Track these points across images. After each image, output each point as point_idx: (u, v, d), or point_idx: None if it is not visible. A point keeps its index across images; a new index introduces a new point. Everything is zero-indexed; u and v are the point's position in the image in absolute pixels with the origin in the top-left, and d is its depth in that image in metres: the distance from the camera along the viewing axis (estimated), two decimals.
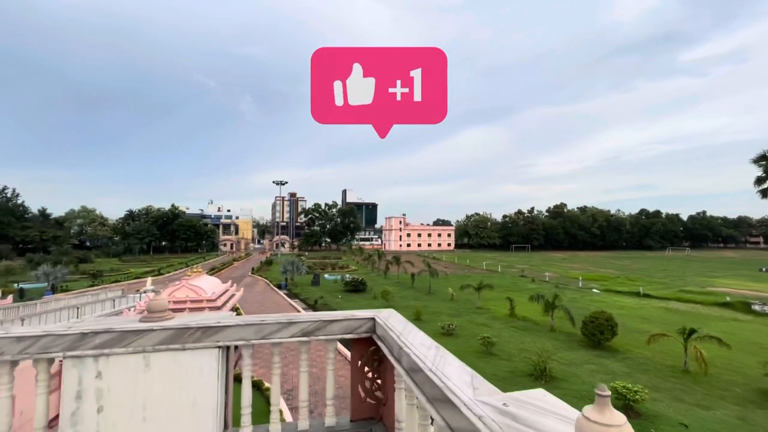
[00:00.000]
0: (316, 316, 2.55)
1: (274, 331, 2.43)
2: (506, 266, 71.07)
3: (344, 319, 2.54)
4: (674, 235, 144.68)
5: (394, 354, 2.04)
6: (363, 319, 2.57)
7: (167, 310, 2.41)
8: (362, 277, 44.45)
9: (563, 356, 20.77)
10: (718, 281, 52.54)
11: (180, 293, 19.74)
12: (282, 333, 2.44)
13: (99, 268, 56.46)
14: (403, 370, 1.83)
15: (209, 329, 2.32)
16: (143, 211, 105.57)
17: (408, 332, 2.12)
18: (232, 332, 2.36)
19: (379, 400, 2.56)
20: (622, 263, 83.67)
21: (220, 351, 2.33)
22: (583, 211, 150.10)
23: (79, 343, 2.16)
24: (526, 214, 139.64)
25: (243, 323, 2.39)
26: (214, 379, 2.30)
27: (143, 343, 2.23)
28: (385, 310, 2.70)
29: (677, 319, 29.76)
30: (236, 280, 38.72)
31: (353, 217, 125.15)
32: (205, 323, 2.33)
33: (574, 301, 33.52)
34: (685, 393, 16.54)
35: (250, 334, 2.39)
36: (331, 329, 2.51)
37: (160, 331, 2.26)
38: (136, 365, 2.22)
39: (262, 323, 2.42)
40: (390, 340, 2.17)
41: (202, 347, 2.31)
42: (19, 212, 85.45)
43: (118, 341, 2.20)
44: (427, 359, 1.62)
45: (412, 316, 28.95)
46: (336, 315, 2.58)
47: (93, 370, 2.16)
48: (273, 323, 2.43)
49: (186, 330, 2.29)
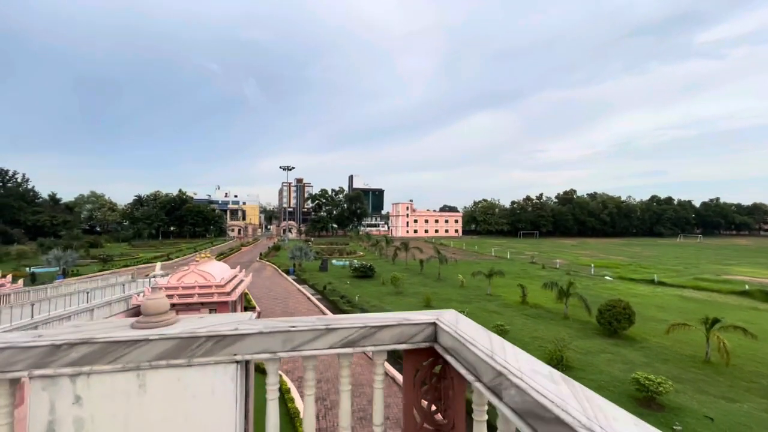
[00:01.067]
0: (360, 320, 1.96)
1: (308, 340, 1.86)
2: (515, 253, 70.36)
3: (397, 324, 1.94)
4: (686, 222, 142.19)
5: (484, 381, 1.45)
6: (421, 324, 1.98)
7: (167, 312, 1.84)
8: (370, 263, 44.12)
9: (579, 345, 20.28)
10: (734, 269, 51.39)
11: (189, 279, 19.51)
12: (318, 343, 1.86)
13: (109, 253, 56.90)
14: (508, 409, 1.24)
15: (223, 338, 1.75)
16: (151, 197, 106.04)
17: (501, 348, 1.53)
18: (253, 342, 1.79)
19: (440, 426, 2.00)
20: (633, 250, 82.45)
21: (237, 367, 1.77)
22: (593, 197, 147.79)
23: (51, 358, 1.60)
24: (534, 201, 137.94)
25: (267, 330, 1.81)
26: (230, 403, 1.74)
27: (136, 357, 1.67)
28: (446, 312, 2.11)
29: (694, 308, 29.06)
30: (244, 265, 38.65)
31: (360, 202, 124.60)
32: (217, 330, 1.76)
33: (587, 288, 32.87)
34: (708, 384, 15.99)
35: (277, 344, 1.82)
36: (381, 337, 1.93)
37: (159, 341, 1.69)
38: (128, 387, 1.66)
39: (293, 330, 1.84)
40: (468, 357, 1.59)
41: (215, 362, 1.74)
42: (30, 197, 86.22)
43: (102, 355, 1.64)
44: (570, 406, 1.03)
45: (422, 303, 28.61)
46: (386, 318, 1.98)
47: (69, 393, 1.61)
48: (306, 330, 1.85)
49: (193, 339, 1.72)
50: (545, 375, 1.26)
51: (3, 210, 77.15)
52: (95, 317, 16.74)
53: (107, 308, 17.96)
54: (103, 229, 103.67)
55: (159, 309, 1.81)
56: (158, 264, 37.81)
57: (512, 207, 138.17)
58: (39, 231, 77.96)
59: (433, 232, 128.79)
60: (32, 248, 56.19)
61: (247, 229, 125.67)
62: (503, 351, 1.49)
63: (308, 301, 30.30)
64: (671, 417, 13.08)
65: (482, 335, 1.69)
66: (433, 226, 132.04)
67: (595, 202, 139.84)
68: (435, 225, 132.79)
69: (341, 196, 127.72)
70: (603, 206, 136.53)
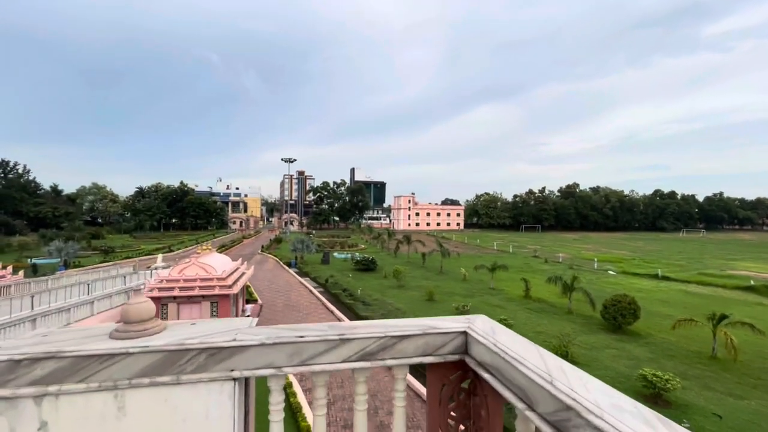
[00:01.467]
0: (378, 328, 1.67)
1: (319, 352, 1.57)
2: (517, 246, 70.08)
3: (422, 333, 1.66)
4: (689, 216, 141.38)
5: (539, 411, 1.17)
6: (449, 334, 1.69)
7: (152, 319, 1.56)
8: (372, 256, 43.93)
9: (583, 340, 20.07)
10: (738, 264, 51.02)
11: (190, 271, 19.31)
12: (331, 355, 1.58)
13: (110, 245, 56.87)
14: None
15: (219, 351, 1.47)
16: (153, 189, 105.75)
17: (559, 370, 1.24)
18: (254, 355, 1.51)
19: None
20: (635, 244, 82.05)
21: (235, 385, 1.49)
22: (595, 191, 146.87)
23: (9, 376, 1.32)
24: (537, 194, 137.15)
25: (271, 341, 1.52)
26: (227, 427, 1.46)
27: (114, 373, 1.39)
28: (477, 319, 1.83)
29: (698, 303, 28.81)
30: (246, 258, 38.51)
31: (362, 195, 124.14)
32: (211, 341, 1.48)
33: (590, 283, 32.60)
34: (715, 381, 15.79)
35: (282, 357, 1.54)
36: (403, 349, 1.64)
37: (142, 354, 1.41)
38: (104, 409, 1.39)
39: (301, 341, 1.55)
40: (516, 378, 1.31)
41: (208, 379, 1.46)
42: (32, 188, 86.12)
43: (73, 372, 1.36)
44: None
45: (425, 296, 28.44)
46: (408, 326, 1.70)
47: (33, 419, 1.34)
48: (317, 340, 1.57)
49: (182, 353, 1.44)
50: (631, 412, 0.97)
51: (5, 201, 77.11)
52: (95, 310, 16.60)
53: (108, 300, 17.81)
54: (105, 221, 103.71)
55: (141, 315, 1.52)
56: (160, 256, 37.71)
57: (514, 200, 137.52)
58: (41, 222, 77.97)
59: (435, 226, 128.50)
60: (34, 239, 56.16)
61: (248, 221, 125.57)
62: (563, 374, 1.20)
63: (310, 294, 30.16)
64: (679, 414, 12.88)
65: (531, 351, 1.41)
66: (435, 220, 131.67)
67: (598, 196, 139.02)
68: (437, 218, 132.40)
69: (343, 188, 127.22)
70: (606, 200, 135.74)
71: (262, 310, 25.08)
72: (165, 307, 18.60)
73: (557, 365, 1.27)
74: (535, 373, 1.22)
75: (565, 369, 1.25)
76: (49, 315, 14.51)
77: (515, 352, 1.39)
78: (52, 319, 14.52)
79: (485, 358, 1.53)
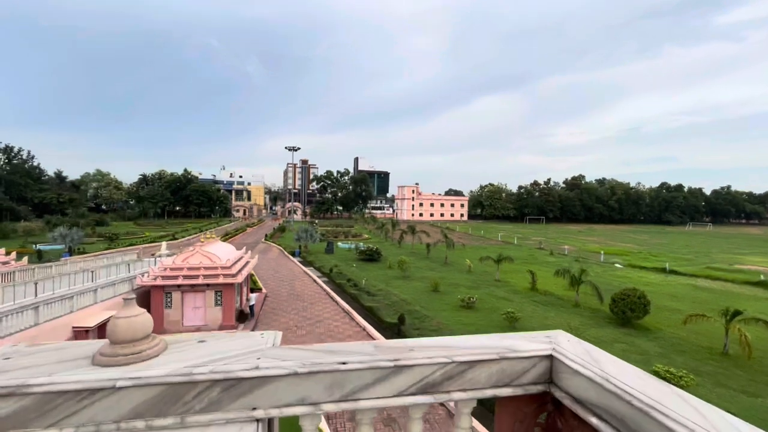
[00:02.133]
0: (441, 349, 1.29)
1: (367, 383, 1.20)
2: (522, 238, 69.59)
3: (497, 357, 1.28)
4: (695, 209, 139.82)
5: None
6: (531, 358, 1.31)
7: (148, 337, 1.19)
8: (376, 247, 43.67)
9: (591, 334, 19.79)
10: (746, 258, 50.38)
11: (194, 260, 19.09)
12: (381, 387, 1.21)
13: (115, 232, 56.90)
14: None
15: (237, 383, 1.10)
16: (156, 176, 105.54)
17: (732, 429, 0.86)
18: (283, 388, 1.14)
19: None
20: (641, 237, 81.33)
21: (258, 428, 1.12)
22: (601, 183, 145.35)
23: None
24: (542, 186, 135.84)
25: (304, 369, 1.15)
26: None
27: (97, 414, 1.03)
28: (560, 336, 1.45)
29: (708, 298, 28.42)
30: (250, 246, 38.33)
31: (365, 185, 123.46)
32: (227, 369, 1.10)
33: (597, 276, 32.21)
34: (727, 378, 15.48)
35: (320, 391, 1.16)
36: (474, 378, 1.27)
37: (134, 389, 1.04)
38: None
39: (343, 368, 1.18)
40: (649, 430, 0.93)
41: (223, 421, 1.10)
42: (36, 174, 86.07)
43: (40, 413, 1.00)
44: None
45: (430, 288, 28.18)
46: (478, 348, 1.31)
47: None
48: (363, 368, 1.19)
49: (189, 385, 1.07)
50: None
51: (9, 187, 77.18)
52: (98, 298, 16.41)
53: (111, 288, 17.63)
54: (109, 208, 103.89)
55: (135, 333, 1.15)
56: (163, 243, 37.59)
57: (519, 192, 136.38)
58: (45, 208, 78.14)
59: (439, 216, 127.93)
60: (39, 225, 56.30)
61: (252, 209, 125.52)
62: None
63: (314, 283, 30.00)
64: None
65: (665, 392, 1.03)
66: (439, 210, 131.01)
67: (604, 188, 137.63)
68: (440, 209, 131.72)
69: (346, 178, 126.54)
70: (611, 192, 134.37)
71: (267, 299, 24.93)
72: (169, 296, 18.44)
73: (721, 417, 0.90)
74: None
75: (739, 426, 0.87)
76: (53, 302, 14.34)
77: (643, 392, 1.01)
78: (55, 306, 14.34)
79: (588, 396, 1.15)
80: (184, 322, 18.60)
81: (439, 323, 20.36)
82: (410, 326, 19.24)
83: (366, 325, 19.90)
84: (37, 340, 13.23)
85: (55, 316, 14.32)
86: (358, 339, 18.38)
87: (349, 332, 19.23)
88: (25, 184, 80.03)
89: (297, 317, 21.42)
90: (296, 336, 18.54)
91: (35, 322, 13.43)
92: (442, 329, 19.35)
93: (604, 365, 1.19)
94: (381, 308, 22.42)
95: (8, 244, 38.94)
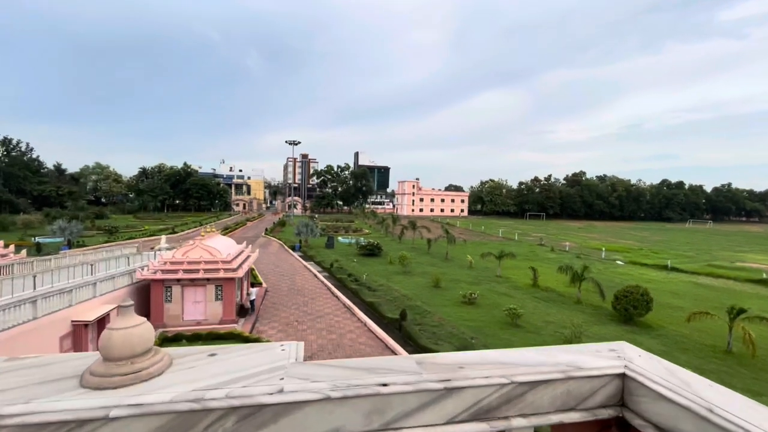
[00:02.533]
0: (496, 368, 1.09)
1: (412, 409, 1.00)
2: (522, 234, 69.45)
3: (563, 377, 1.08)
4: (696, 207, 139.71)
5: None
6: (600, 377, 1.12)
7: (150, 352, 0.99)
8: (377, 242, 43.49)
9: (593, 331, 19.68)
10: (747, 256, 50.30)
11: (194, 254, 18.91)
12: (429, 413, 1.01)
13: (114, 225, 56.64)
14: None
15: (258, 410, 0.90)
16: (156, 169, 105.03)
17: None
18: (313, 415, 0.93)
19: None
20: (641, 234, 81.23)
21: None
22: (602, 179, 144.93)
23: None
24: (542, 182, 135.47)
25: (338, 394, 0.95)
26: None
27: None
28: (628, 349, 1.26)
29: (710, 295, 28.33)
30: (250, 240, 38.15)
31: (366, 179, 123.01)
32: (245, 394, 0.90)
33: (599, 273, 32.08)
34: (731, 376, 15.37)
35: (357, 419, 0.96)
36: (536, 401, 1.07)
37: (132, 419, 0.84)
38: None
39: (384, 392, 0.98)
40: None
41: None
42: (35, 167, 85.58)
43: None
44: None
45: (431, 283, 28.04)
46: (535, 363, 1.12)
47: None
48: (408, 391, 0.99)
49: (200, 414, 0.87)
50: None
51: (8, 179, 76.79)
52: (98, 291, 16.24)
53: (111, 282, 17.45)
54: (109, 201, 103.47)
55: (133, 348, 0.95)
56: (163, 237, 37.36)
57: (519, 188, 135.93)
58: (44, 201, 77.79)
59: (439, 212, 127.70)
60: (38, 218, 56.02)
61: (252, 203, 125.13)
62: None
63: (315, 278, 29.86)
64: None
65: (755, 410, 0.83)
66: (439, 206, 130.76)
67: (604, 185, 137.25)
68: (441, 204, 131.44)
69: (347, 172, 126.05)
70: (612, 189, 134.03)
71: (267, 293, 24.79)
72: (169, 290, 18.28)
73: None
74: None
75: None
76: (51, 296, 14.16)
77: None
78: (53, 300, 14.16)
79: (677, 426, 0.95)
80: (185, 316, 18.46)
81: (440, 319, 20.24)
82: (412, 322, 19.11)
83: (367, 321, 19.76)
84: (35, 334, 13.04)
85: (54, 309, 14.14)
86: (359, 334, 18.23)
87: (350, 327, 19.11)
88: (24, 176, 79.63)
89: (298, 312, 21.29)
90: (297, 331, 18.41)
91: (33, 316, 13.26)
92: (443, 325, 19.23)
93: (700, 390, 0.99)
94: (382, 303, 22.28)
95: (7, 236, 38.74)
